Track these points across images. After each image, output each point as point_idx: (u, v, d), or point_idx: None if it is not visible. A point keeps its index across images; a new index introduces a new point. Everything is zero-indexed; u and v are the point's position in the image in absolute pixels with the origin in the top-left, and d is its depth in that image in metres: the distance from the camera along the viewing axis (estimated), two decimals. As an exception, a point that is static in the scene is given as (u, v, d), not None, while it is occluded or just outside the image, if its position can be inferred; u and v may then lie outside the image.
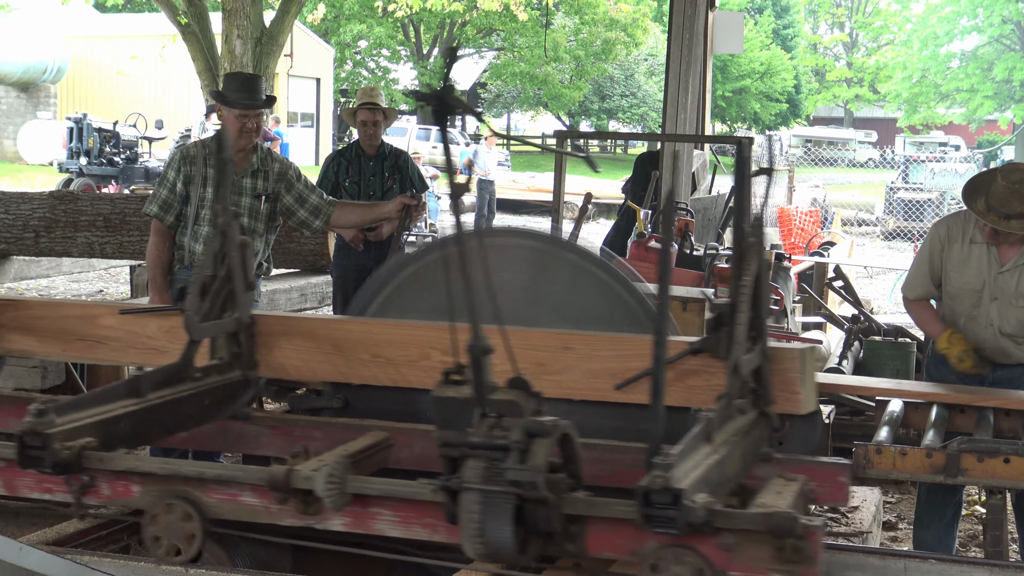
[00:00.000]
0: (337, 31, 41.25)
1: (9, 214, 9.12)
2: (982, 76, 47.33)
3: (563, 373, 3.65)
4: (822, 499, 3.38)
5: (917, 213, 24.27)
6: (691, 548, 2.76)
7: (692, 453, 2.90)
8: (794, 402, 3.52)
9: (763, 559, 2.75)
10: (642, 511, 2.69)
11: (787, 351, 3.55)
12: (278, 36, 17.34)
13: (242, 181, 5.54)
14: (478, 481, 2.79)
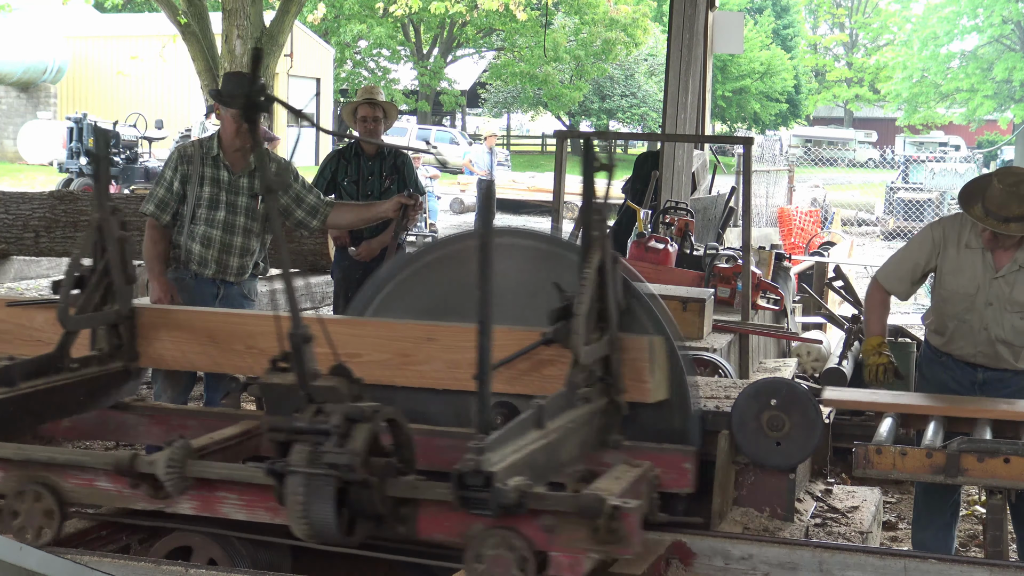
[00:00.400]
0: (337, 31, 41.24)
1: (9, 214, 9.12)
2: (982, 76, 47.29)
3: (426, 363, 3.80)
4: (667, 484, 3.49)
5: (917, 213, 24.26)
6: (514, 530, 2.87)
7: (515, 438, 3.00)
8: (643, 391, 3.62)
9: (581, 539, 2.89)
10: (457, 493, 2.83)
11: (636, 341, 3.62)
12: (278, 36, 17.34)
13: (239, 181, 5.54)
14: (302, 464, 2.90)
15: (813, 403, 3.87)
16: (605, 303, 3.50)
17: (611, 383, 3.54)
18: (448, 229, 18.88)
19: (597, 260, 3.45)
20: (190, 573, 3.11)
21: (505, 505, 2.82)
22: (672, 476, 3.55)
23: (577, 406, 3.37)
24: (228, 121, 5.51)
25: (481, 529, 2.93)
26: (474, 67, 51.01)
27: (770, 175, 22.37)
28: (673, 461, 3.58)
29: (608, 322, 3.51)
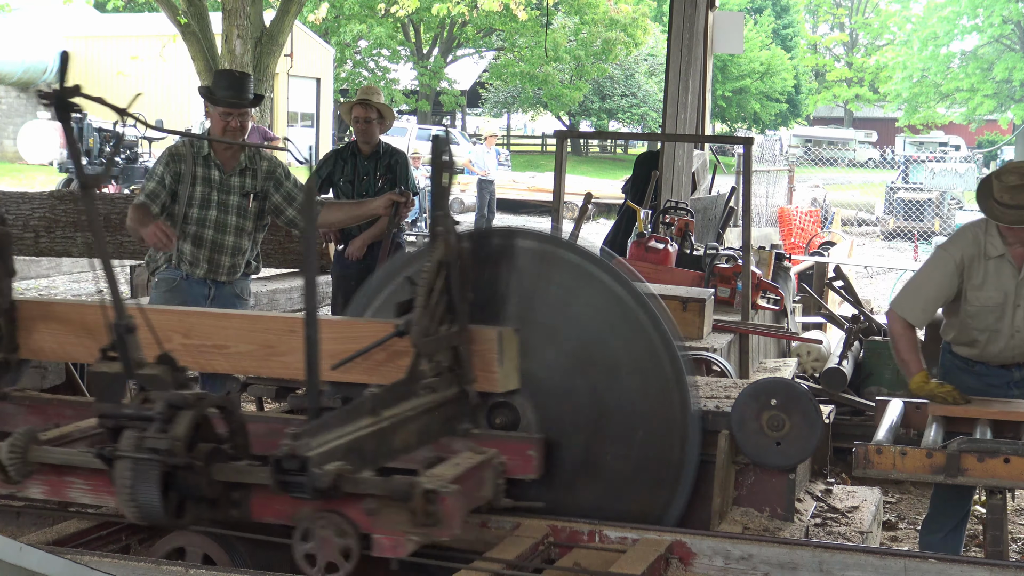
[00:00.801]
0: (337, 31, 41.24)
1: (9, 214, 9.11)
2: (982, 76, 47.31)
3: (289, 355, 3.86)
4: (512, 471, 3.60)
5: (917, 213, 24.26)
6: (340, 513, 3.01)
7: (342, 425, 3.12)
8: (491, 381, 3.70)
9: (402, 522, 3.02)
10: (275, 477, 2.93)
11: (484, 332, 3.70)
12: (278, 36, 17.34)
13: (230, 179, 5.53)
14: (129, 450, 2.99)
15: (813, 403, 3.87)
16: (452, 296, 3.60)
17: (460, 373, 3.65)
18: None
19: (439, 254, 3.56)
20: (190, 573, 3.12)
21: (320, 488, 2.93)
22: (517, 462, 3.64)
23: (420, 395, 3.48)
24: (216, 119, 5.51)
25: (308, 512, 3.04)
26: (474, 67, 51.01)
27: (770, 175, 22.37)
28: (518, 449, 3.67)
29: (456, 314, 3.61)
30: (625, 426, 3.80)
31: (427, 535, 3.05)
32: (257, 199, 5.60)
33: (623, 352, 3.81)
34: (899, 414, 4.57)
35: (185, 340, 4.00)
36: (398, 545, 3.03)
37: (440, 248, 3.57)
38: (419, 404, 3.45)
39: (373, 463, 3.19)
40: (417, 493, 2.99)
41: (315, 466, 2.92)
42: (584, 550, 3.49)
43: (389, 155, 7.31)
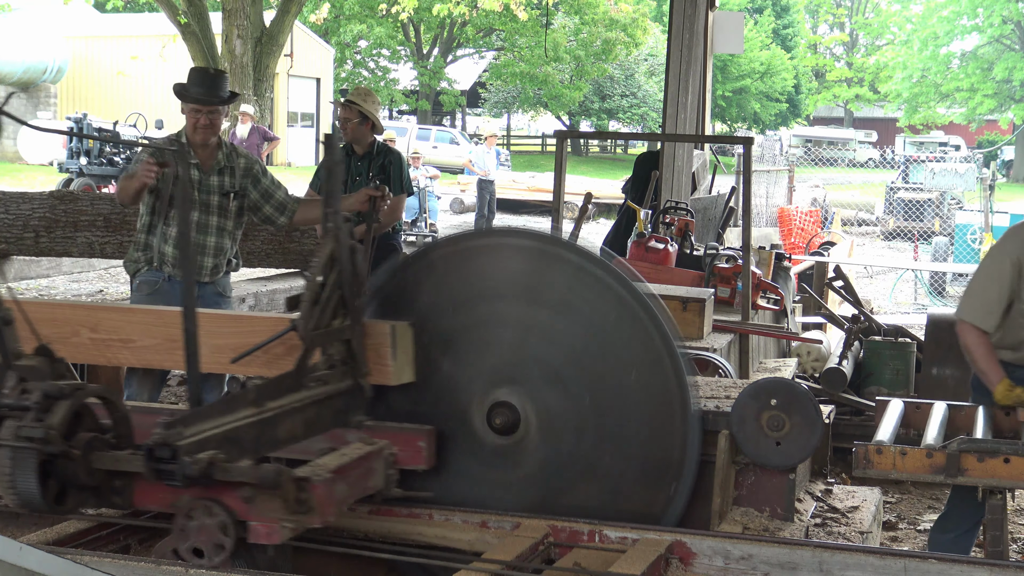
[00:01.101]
0: (337, 31, 41.24)
1: (9, 214, 9.11)
2: (982, 76, 47.30)
3: None
4: (403, 461, 3.70)
5: (917, 213, 24.25)
6: (218, 501, 3.10)
7: (220, 415, 3.22)
8: (385, 374, 3.80)
9: (276, 510, 3.11)
10: (148, 465, 3.01)
11: (378, 326, 3.80)
12: (278, 36, 17.35)
13: (209, 179, 5.48)
14: (8, 438, 3.04)
15: (813, 403, 3.87)
16: (344, 291, 3.68)
17: (353, 366, 3.72)
18: (448, 229, 18.87)
19: (329, 250, 3.64)
20: (190, 573, 3.11)
21: (191, 476, 3.00)
22: (408, 453, 3.73)
23: (309, 387, 3.56)
24: (188, 118, 5.46)
25: (187, 500, 3.12)
26: (474, 67, 51.01)
27: (770, 175, 22.37)
28: (409, 440, 3.76)
29: (350, 309, 3.69)
30: (625, 426, 3.80)
31: (299, 522, 3.14)
32: (237, 198, 5.57)
33: (623, 352, 3.81)
34: (899, 414, 4.57)
35: (92, 334, 4.11)
36: (272, 532, 3.11)
37: (330, 244, 3.66)
38: (307, 396, 3.55)
39: (254, 452, 3.28)
40: (285, 481, 3.09)
41: (185, 454, 3.00)
42: (584, 550, 3.49)
43: (383, 155, 7.27)
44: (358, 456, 3.44)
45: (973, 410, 4.60)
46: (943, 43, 48.68)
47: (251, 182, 5.62)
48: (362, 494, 3.50)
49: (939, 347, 7.19)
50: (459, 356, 3.92)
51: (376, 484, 3.55)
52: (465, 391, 3.90)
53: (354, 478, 3.40)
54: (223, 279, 5.66)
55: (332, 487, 3.19)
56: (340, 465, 3.31)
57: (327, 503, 3.16)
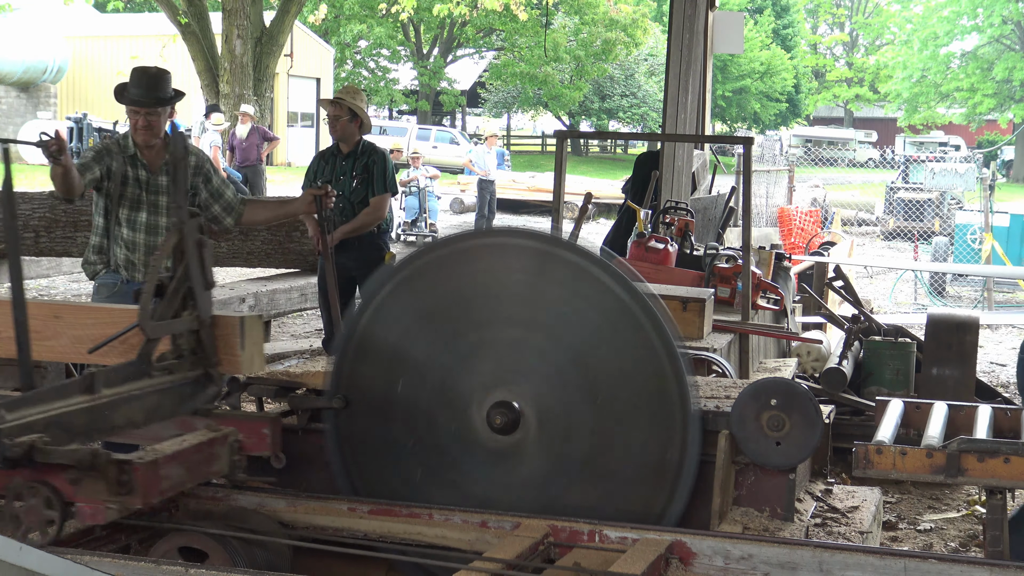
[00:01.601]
0: (337, 31, 41.24)
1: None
2: (982, 76, 47.29)
3: (54, 339, 4.09)
4: (248, 448, 3.82)
5: (917, 213, 24.25)
6: (47, 483, 3.21)
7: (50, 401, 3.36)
8: (235, 364, 3.96)
9: (100, 491, 3.24)
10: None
11: (227, 319, 3.96)
12: (278, 36, 17.33)
13: (158, 180, 5.41)
14: None
15: (813, 403, 3.87)
16: (192, 283, 3.81)
17: (202, 356, 3.88)
18: (448, 229, 18.88)
19: (172, 243, 3.78)
20: (190, 573, 3.12)
21: (10, 458, 3.11)
22: (253, 440, 3.85)
23: (153, 376, 3.75)
24: (129, 117, 5.39)
25: (19, 482, 3.22)
26: (474, 67, 51.02)
27: (770, 175, 22.37)
28: (254, 428, 3.88)
29: (197, 301, 3.83)
30: (625, 426, 3.80)
31: (123, 504, 3.25)
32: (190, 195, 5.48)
33: (623, 352, 3.81)
34: (899, 414, 4.57)
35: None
36: (97, 513, 3.24)
37: (174, 237, 3.78)
38: (149, 384, 3.69)
39: (85, 437, 3.40)
40: (103, 463, 3.20)
41: (6, 437, 3.11)
42: (584, 550, 3.49)
43: (367, 154, 7.22)
44: (199, 442, 3.60)
45: (973, 410, 4.60)
46: (943, 43, 48.67)
47: (202, 180, 5.53)
48: (204, 478, 3.69)
49: (939, 347, 7.19)
50: (459, 356, 3.92)
51: (220, 469, 3.70)
52: (465, 391, 3.90)
53: (193, 463, 3.54)
54: None
55: (155, 470, 3.33)
56: (177, 450, 3.47)
57: (150, 485, 3.30)
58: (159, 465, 3.34)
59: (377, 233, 7.22)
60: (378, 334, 4.00)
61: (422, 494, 3.87)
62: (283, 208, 6.15)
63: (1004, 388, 9.64)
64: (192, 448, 3.54)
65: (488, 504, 3.77)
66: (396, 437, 3.97)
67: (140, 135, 5.37)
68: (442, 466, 3.92)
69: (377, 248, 7.10)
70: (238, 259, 8.35)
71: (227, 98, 17.37)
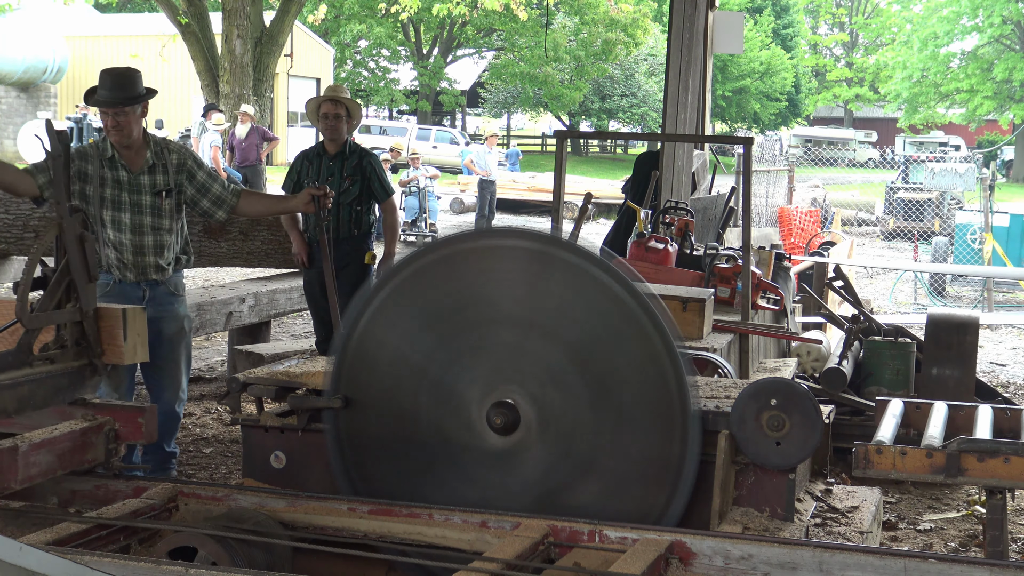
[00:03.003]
0: (337, 31, 41.25)
1: (9, 214, 9.11)
2: (982, 76, 47.28)
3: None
4: (124, 436, 4.01)
5: (917, 213, 24.25)
6: None
7: None
8: (118, 354, 4.16)
9: None
10: None
11: (110, 311, 4.16)
12: (278, 36, 17.33)
13: (139, 179, 5.41)
14: None
15: (813, 403, 3.87)
16: (73, 276, 3.95)
17: (86, 346, 4.05)
18: (448, 229, 18.86)
19: (50, 238, 3.92)
20: (190, 573, 3.11)
21: None
22: (128, 429, 4.02)
23: (34, 365, 3.88)
24: (102, 118, 5.38)
25: None
26: (474, 67, 51.03)
27: (770, 175, 22.37)
28: (129, 417, 4.04)
29: (80, 293, 3.98)
30: (625, 426, 3.80)
31: None
32: (171, 195, 5.48)
33: (623, 352, 3.81)
34: (899, 414, 4.57)
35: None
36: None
37: (53, 231, 3.92)
38: (24, 374, 3.82)
39: None
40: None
41: None
42: (584, 550, 3.49)
43: (358, 155, 7.15)
44: (70, 431, 3.76)
45: (973, 410, 4.60)
46: (943, 43, 48.65)
47: (186, 177, 5.51)
48: (78, 466, 3.83)
49: (939, 347, 7.19)
50: (459, 356, 3.92)
51: (95, 457, 3.85)
52: (465, 391, 3.90)
53: (64, 450, 3.70)
54: (174, 277, 5.58)
55: (14, 456, 3.48)
56: (45, 439, 3.64)
57: (9, 471, 3.48)
58: (19, 452, 3.49)
59: (359, 235, 7.18)
60: (378, 334, 4.00)
61: (422, 494, 3.87)
62: (281, 203, 6.14)
63: (1004, 388, 9.64)
64: (64, 436, 3.71)
65: (488, 504, 3.77)
66: (396, 437, 3.96)
67: (112, 136, 5.37)
68: (442, 466, 3.92)
69: (359, 250, 7.10)
70: (238, 259, 8.33)
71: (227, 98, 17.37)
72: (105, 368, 4.13)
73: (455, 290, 3.96)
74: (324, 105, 7.08)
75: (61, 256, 3.95)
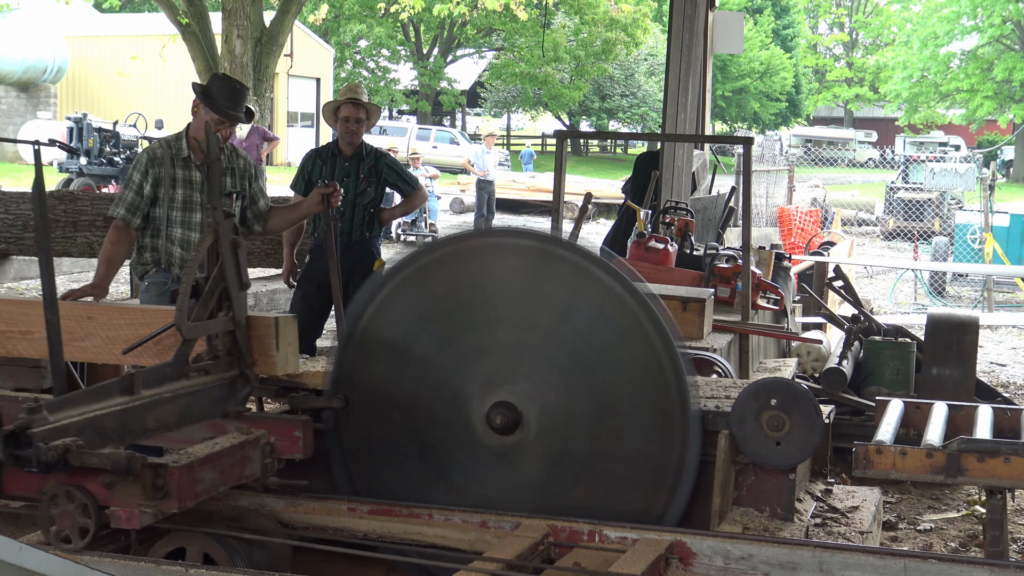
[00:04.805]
0: (337, 31, 41.26)
1: (9, 214, 9.12)
2: (982, 76, 47.26)
3: (86, 340, 4.10)
4: (281, 451, 3.79)
5: (917, 213, 24.25)
6: (81, 487, 3.18)
7: (89, 403, 3.30)
8: (270, 364, 3.96)
9: (135, 495, 3.21)
10: (5, 452, 3.07)
11: (262, 319, 3.93)
12: (278, 36, 17.32)
13: None
14: None
15: (813, 403, 3.87)
16: (227, 284, 3.79)
17: (238, 356, 3.87)
18: (448, 229, 18.86)
19: (207, 244, 3.76)
20: (190, 573, 3.12)
21: (46, 462, 3.05)
22: (284, 443, 3.81)
23: (190, 377, 3.71)
24: (209, 122, 5.39)
25: (53, 486, 3.19)
26: (474, 67, 51.02)
27: (770, 175, 22.37)
28: (285, 430, 3.83)
29: (232, 302, 3.82)
30: (625, 426, 3.80)
31: (158, 508, 3.22)
32: (238, 198, 5.56)
33: (623, 352, 3.81)
34: (899, 414, 4.57)
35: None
36: (132, 517, 3.18)
37: (209, 238, 3.76)
38: (183, 386, 3.65)
39: (119, 440, 3.35)
40: (139, 467, 3.15)
41: (41, 441, 3.05)
42: (584, 550, 3.49)
43: (374, 157, 7.06)
44: (230, 445, 3.55)
45: (973, 410, 4.60)
46: (943, 43, 48.63)
47: (247, 184, 5.63)
48: (237, 482, 3.62)
49: (939, 347, 7.18)
50: (459, 355, 3.92)
51: (252, 472, 3.66)
52: (465, 391, 3.90)
53: (226, 466, 3.50)
54: None
55: (190, 473, 3.29)
56: (209, 453, 3.43)
57: (185, 489, 3.28)
58: (194, 469, 3.31)
59: (370, 238, 7.14)
60: (378, 334, 4.00)
61: (422, 494, 3.87)
62: (296, 211, 6.13)
63: (1004, 388, 9.64)
64: (224, 451, 3.50)
65: (488, 504, 3.77)
66: (396, 437, 3.96)
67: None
68: (442, 466, 3.92)
69: (369, 254, 7.04)
70: (238, 259, 8.35)
71: (227, 98, 17.33)
72: (256, 379, 3.94)
73: (456, 290, 3.96)
74: (345, 108, 6.90)
75: (214, 263, 3.79)
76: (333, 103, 7.03)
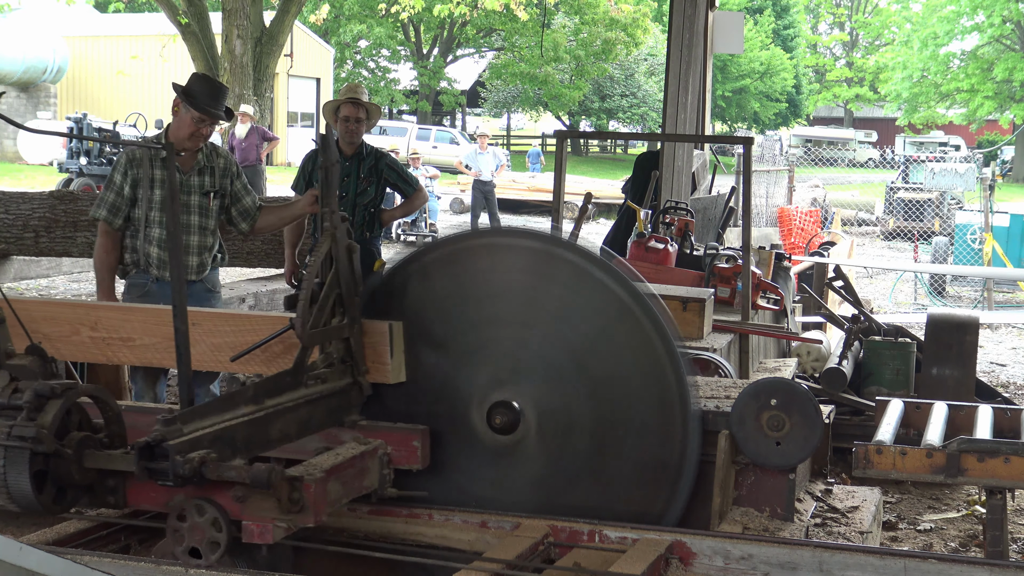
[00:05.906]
0: (337, 31, 41.25)
1: (9, 214, 9.11)
2: (982, 76, 47.26)
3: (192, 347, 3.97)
4: (398, 461, 3.71)
5: (917, 213, 24.24)
6: (211, 500, 3.12)
7: (218, 413, 3.25)
8: (383, 372, 3.86)
9: (269, 509, 3.13)
10: (139, 464, 3.02)
11: (376, 326, 3.83)
12: (278, 36, 17.33)
13: (190, 180, 5.48)
14: (0, 438, 3.04)
15: (813, 403, 3.87)
16: (341, 289, 3.73)
17: (352, 364, 3.78)
18: (448, 229, 18.86)
19: (325, 249, 3.70)
20: (190, 573, 3.11)
21: (183, 475, 3.01)
22: (402, 453, 3.73)
23: (308, 385, 3.61)
24: (187, 122, 5.43)
25: (181, 499, 3.14)
26: (474, 67, 51.02)
27: (770, 175, 22.37)
28: (403, 440, 3.75)
29: (348, 308, 3.75)
30: (625, 426, 3.80)
31: (293, 521, 3.15)
32: (217, 197, 5.56)
33: (623, 352, 3.81)
34: (899, 414, 4.57)
35: (92, 333, 4.14)
36: (265, 531, 3.11)
37: (327, 243, 3.70)
38: (302, 395, 3.58)
39: (246, 452, 3.29)
40: (277, 480, 3.09)
41: (177, 453, 3.00)
42: (584, 550, 3.49)
43: (374, 157, 7.05)
44: (352, 456, 3.45)
45: (973, 410, 4.60)
46: (943, 43, 48.63)
47: (229, 181, 5.62)
48: (357, 494, 3.51)
49: (939, 347, 7.19)
50: (460, 355, 3.92)
51: (371, 484, 3.56)
52: (465, 390, 3.90)
53: (348, 477, 3.41)
54: (211, 275, 5.65)
55: (325, 486, 3.21)
56: (334, 465, 3.33)
57: (320, 502, 3.19)
58: (327, 481, 3.24)
59: (370, 238, 7.14)
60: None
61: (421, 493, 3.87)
62: (287, 211, 6.13)
63: (1004, 388, 9.64)
64: (347, 462, 3.41)
65: (488, 504, 3.77)
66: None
67: (195, 141, 5.47)
68: (442, 466, 3.92)
69: (369, 254, 7.03)
70: (238, 259, 8.33)
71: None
72: (369, 387, 3.85)
73: (456, 290, 3.96)
74: (345, 107, 6.89)
75: (328, 268, 3.71)
76: (333, 103, 7.02)
